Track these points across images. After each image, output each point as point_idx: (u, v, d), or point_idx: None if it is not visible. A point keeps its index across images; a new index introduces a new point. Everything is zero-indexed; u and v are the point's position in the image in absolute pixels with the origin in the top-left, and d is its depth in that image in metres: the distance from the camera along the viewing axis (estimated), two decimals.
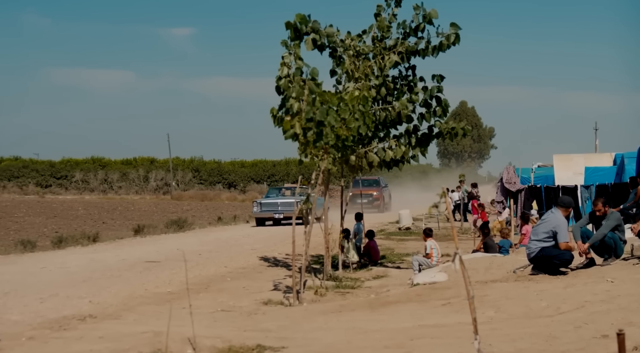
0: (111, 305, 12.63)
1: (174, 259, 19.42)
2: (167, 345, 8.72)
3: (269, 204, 36.85)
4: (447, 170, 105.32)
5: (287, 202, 36.39)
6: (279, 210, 36.46)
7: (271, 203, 36.92)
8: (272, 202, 36.97)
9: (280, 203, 36.75)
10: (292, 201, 33.66)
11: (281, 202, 36.81)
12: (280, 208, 36.48)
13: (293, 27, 14.66)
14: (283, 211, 36.29)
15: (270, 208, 36.70)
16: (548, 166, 32.37)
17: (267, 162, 78.29)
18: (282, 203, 36.72)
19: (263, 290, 14.36)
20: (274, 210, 36.57)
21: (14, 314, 11.73)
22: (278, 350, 8.97)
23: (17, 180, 74.92)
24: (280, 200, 37.06)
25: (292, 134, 13.32)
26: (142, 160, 78.59)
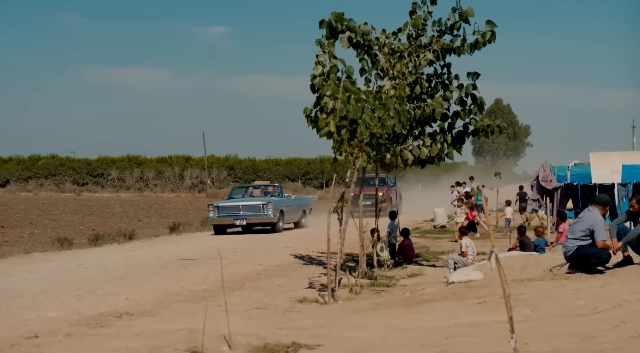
0: (147, 303, 12.70)
1: (209, 257, 19.50)
2: (202, 342, 8.75)
3: (228, 208, 30.25)
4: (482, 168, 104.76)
5: (251, 205, 30.10)
6: (241, 215, 29.98)
7: (231, 207, 30.27)
8: (232, 205, 30.33)
9: (242, 207, 30.14)
10: (258, 204, 29.89)
11: (243, 205, 30.23)
12: (242, 213, 29.99)
13: (328, 25, 14.65)
14: (246, 216, 29.90)
15: (229, 212, 30.14)
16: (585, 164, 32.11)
17: (301, 160, 78.29)
18: (245, 206, 30.16)
19: (298, 288, 14.37)
20: (234, 215, 30.05)
21: (52, 311, 11.83)
22: (313, 348, 8.97)
23: (54, 178, 75.54)
24: (242, 202, 30.50)
25: (326, 132, 13.32)
26: (178, 158, 78.94)
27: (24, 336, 9.69)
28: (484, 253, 17.94)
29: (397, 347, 8.80)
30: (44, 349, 8.97)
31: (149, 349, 8.86)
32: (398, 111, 14.35)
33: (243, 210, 29.99)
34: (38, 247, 22.32)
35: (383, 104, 14.19)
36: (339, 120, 13.05)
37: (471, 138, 16.70)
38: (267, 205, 29.74)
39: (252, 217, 29.77)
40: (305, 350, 8.90)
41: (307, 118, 13.83)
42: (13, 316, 11.40)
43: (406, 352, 8.51)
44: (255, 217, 29.74)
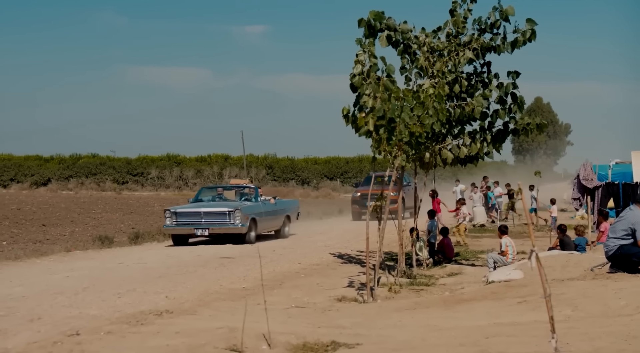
0: (187, 301, 12.76)
1: (248, 255, 19.56)
2: (242, 340, 8.78)
3: (188, 215, 24.53)
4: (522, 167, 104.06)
5: (215, 212, 24.40)
6: (203, 223, 24.20)
7: (190, 214, 24.56)
8: (192, 212, 24.59)
9: (204, 214, 24.40)
10: (223, 210, 24.22)
11: (206, 211, 24.49)
12: (204, 222, 24.23)
13: (367, 24, 14.63)
14: (209, 225, 24.11)
15: (189, 220, 24.43)
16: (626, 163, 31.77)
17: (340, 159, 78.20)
18: (208, 213, 24.43)
19: (337, 287, 14.37)
20: (195, 223, 24.30)
21: (93, 309, 11.92)
22: (352, 346, 8.97)
23: (94, 177, 76.14)
24: (204, 208, 24.71)
25: (365, 131, 13.31)
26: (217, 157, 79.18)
27: (66, 333, 9.78)
28: (524, 253, 17.83)
29: (436, 346, 8.78)
30: (85, 347, 9.04)
31: (189, 347, 8.90)
32: (437, 110, 14.30)
33: (205, 218, 24.28)
34: (79, 245, 22.51)
35: (422, 102, 14.15)
36: (378, 119, 13.03)
37: (511, 137, 16.57)
38: (234, 212, 24.01)
39: (216, 226, 24.09)
40: (344, 349, 8.91)
41: (346, 117, 13.81)
42: (55, 314, 11.50)
43: (446, 351, 8.48)
44: (220, 226, 24.06)
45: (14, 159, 78.04)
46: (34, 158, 78.62)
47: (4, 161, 77.53)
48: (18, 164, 76.66)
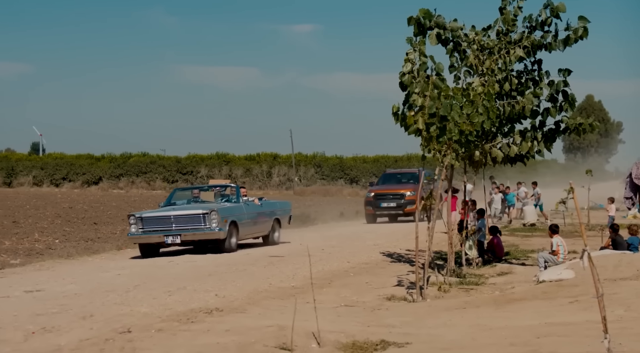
0: (236, 299, 12.81)
1: (297, 254, 19.60)
2: (292, 339, 8.81)
3: (156, 220, 21.16)
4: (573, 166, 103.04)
5: (187, 216, 21.07)
6: (173, 229, 20.86)
7: (159, 219, 21.18)
8: (161, 216, 21.21)
9: (175, 218, 21.03)
10: (197, 213, 20.90)
11: (177, 215, 21.08)
12: (175, 227, 20.89)
13: (416, 22, 14.59)
14: (181, 231, 20.80)
15: (157, 226, 21.01)
16: None
17: (388, 157, 77.94)
18: (179, 217, 21.07)
19: (386, 286, 14.35)
20: (164, 229, 20.89)
21: (144, 306, 12.02)
22: (402, 345, 8.96)
23: (145, 176, 76.72)
24: (175, 212, 21.26)
25: (415, 130, 13.27)
26: (266, 156, 79.36)
27: (118, 331, 9.88)
28: (576, 252, 17.65)
29: (487, 345, 8.74)
30: (136, 344, 9.13)
31: (239, 345, 8.95)
32: (487, 108, 14.22)
33: (176, 223, 20.91)
34: (130, 243, 22.70)
35: (471, 100, 14.08)
36: (428, 117, 12.99)
37: (562, 136, 16.41)
38: (210, 214, 20.73)
39: (189, 231, 20.75)
40: (394, 348, 8.90)
41: (395, 115, 13.78)
42: (107, 311, 11.62)
43: (496, 351, 8.44)
44: (194, 231, 20.74)
45: (66, 158, 78.90)
46: (85, 157, 79.42)
47: (56, 160, 78.45)
48: (70, 163, 77.49)
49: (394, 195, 33.83)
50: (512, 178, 47.09)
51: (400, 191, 33.83)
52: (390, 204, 33.55)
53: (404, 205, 33.42)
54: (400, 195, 33.67)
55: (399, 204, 33.61)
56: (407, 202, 33.36)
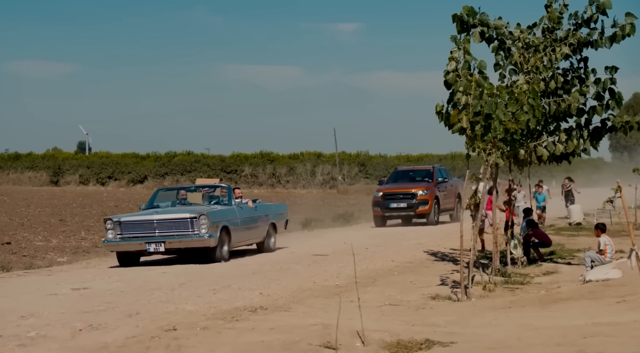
0: (281, 297, 12.85)
1: (341, 253, 19.59)
2: (336, 337, 8.81)
3: (136, 225, 18.70)
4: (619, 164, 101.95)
5: (172, 220, 18.63)
6: (156, 235, 18.38)
7: (140, 224, 18.72)
8: (142, 221, 18.77)
9: (158, 223, 18.57)
10: (184, 218, 18.48)
11: (160, 220, 18.64)
12: (158, 233, 18.42)
13: (459, 19, 14.53)
14: (165, 238, 18.32)
15: (138, 232, 18.58)
16: None
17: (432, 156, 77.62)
18: (163, 222, 18.62)
19: (430, 285, 14.30)
20: (145, 235, 18.44)
21: (189, 304, 12.10)
22: (447, 345, 8.93)
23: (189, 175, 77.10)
24: (158, 216, 18.81)
25: (459, 128, 13.22)
26: (309, 154, 79.41)
27: (163, 328, 9.96)
28: (623, 251, 17.46)
29: (533, 345, 8.68)
30: (182, 342, 9.19)
31: (284, 343, 8.98)
32: (532, 106, 14.11)
33: (160, 228, 18.45)
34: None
35: (516, 99, 13.98)
36: (472, 116, 12.93)
37: (608, 134, 16.25)
38: (199, 219, 18.32)
39: (174, 238, 18.28)
40: (438, 347, 8.87)
41: (439, 114, 13.74)
42: (152, 309, 11.71)
43: (542, 350, 8.39)
44: (180, 238, 18.31)
45: (112, 157, 79.62)
46: (130, 156, 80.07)
47: (102, 159, 79.18)
48: (115, 162, 78.17)
49: (405, 194, 30.59)
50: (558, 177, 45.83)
51: (412, 190, 30.58)
52: (400, 205, 30.46)
53: (416, 206, 30.30)
54: (411, 195, 30.46)
55: (409, 205, 30.38)
56: (419, 202, 30.28)
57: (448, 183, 32.43)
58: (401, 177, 33.03)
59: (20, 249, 21.01)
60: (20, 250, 20.77)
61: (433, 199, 30.29)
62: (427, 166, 36.08)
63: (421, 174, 33.03)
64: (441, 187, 31.43)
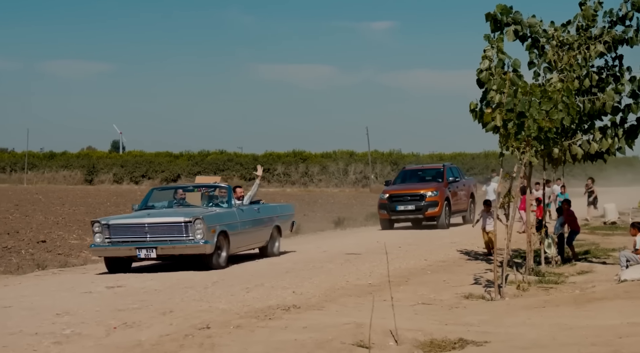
0: (314, 296, 12.87)
1: (373, 252, 19.57)
2: (369, 336, 8.81)
3: (126, 229, 17.10)
4: None
5: (165, 225, 16.96)
6: (148, 240, 16.79)
7: (129, 227, 17.12)
8: (132, 225, 17.16)
9: (150, 227, 16.92)
10: (178, 222, 16.83)
11: (152, 223, 16.98)
12: (150, 238, 16.81)
13: (493, 18, 14.47)
14: (157, 244, 16.71)
15: (127, 236, 16.99)
16: None
17: (465, 154, 77.46)
18: (156, 226, 16.96)
19: (464, 284, 14.26)
20: (137, 240, 16.87)
21: (222, 303, 12.15)
22: (480, 344, 8.90)
23: (222, 173, 77.32)
24: (151, 219, 17.15)
25: (492, 127, 13.16)
26: (342, 153, 79.44)
27: (197, 327, 10.02)
28: None
29: (567, 345, 8.64)
30: (215, 340, 9.24)
31: (317, 342, 8.99)
32: (566, 104, 14.02)
33: (152, 233, 16.84)
34: None
35: (549, 97, 13.90)
36: (507, 112, 12.87)
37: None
38: (194, 224, 16.68)
39: (167, 244, 16.73)
40: (472, 347, 8.85)
41: (472, 112, 13.69)
42: (186, 307, 11.78)
43: (577, 350, 8.34)
44: (173, 244, 16.78)
45: (145, 156, 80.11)
46: (164, 155, 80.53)
47: (135, 158, 79.70)
48: (149, 161, 78.64)
49: (413, 196, 28.48)
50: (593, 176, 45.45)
51: (420, 191, 28.45)
52: (408, 207, 28.34)
53: (425, 208, 28.17)
54: (419, 196, 28.32)
55: (418, 207, 28.24)
56: (428, 204, 28.16)
57: (460, 182, 30.57)
58: (409, 177, 31.09)
59: (55, 247, 21.19)
60: (55, 249, 20.94)
61: (443, 201, 28.36)
62: (437, 164, 34.56)
63: (431, 173, 30.98)
64: (452, 187, 29.55)
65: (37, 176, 76.53)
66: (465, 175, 33.81)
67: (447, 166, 30.85)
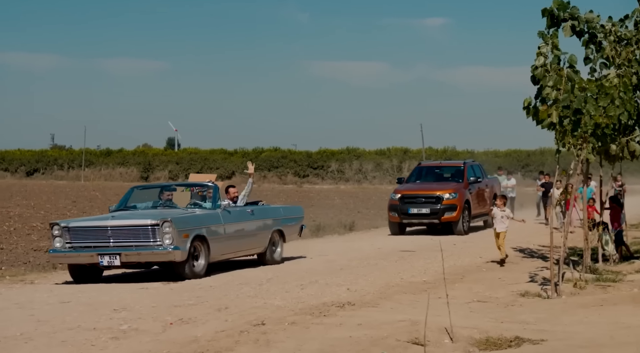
0: (368, 293, 12.86)
1: (428, 249, 19.51)
2: (424, 334, 8.79)
3: (87, 232, 15.21)
4: None
5: (131, 227, 14.99)
6: (112, 245, 14.85)
7: (91, 231, 15.23)
8: (95, 228, 15.27)
9: (113, 230, 14.98)
10: (144, 225, 14.93)
11: (116, 226, 15.03)
12: (113, 243, 14.86)
13: (549, 13, 14.32)
14: (122, 250, 14.70)
15: (89, 241, 15.07)
16: None
17: (521, 151, 76.81)
18: (120, 229, 14.99)
19: (519, 282, 14.16)
20: (99, 245, 14.95)
21: (277, 299, 12.20)
22: (537, 342, 8.85)
23: (276, 170, 77.66)
24: (114, 221, 15.19)
25: (548, 123, 13.04)
26: (396, 150, 79.22)
27: (252, 323, 10.08)
28: None
29: (625, 344, 8.55)
30: (270, 336, 9.28)
31: (371, 339, 9.00)
32: (624, 100, 13.84)
33: (115, 237, 14.91)
34: None
35: (607, 92, 13.73)
36: (562, 109, 12.74)
37: None
38: (161, 227, 14.73)
39: (132, 250, 14.77)
40: (528, 345, 8.80)
41: (527, 109, 13.57)
42: (241, 303, 11.84)
43: (636, 349, 8.25)
44: (138, 250, 14.80)
45: (200, 153, 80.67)
46: (218, 152, 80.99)
47: (190, 155, 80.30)
48: (204, 158, 79.16)
49: (428, 197, 24.88)
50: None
51: (437, 193, 24.93)
52: (422, 210, 24.68)
53: (441, 212, 24.57)
54: (436, 198, 24.76)
55: (433, 210, 24.59)
56: (445, 207, 24.59)
57: (482, 183, 27.16)
58: (425, 174, 27.49)
59: None
60: None
61: (463, 204, 24.86)
62: (457, 162, 31.51)
63: (449, 171, 27.48)
64: (473, 189, 26.09)
65: (94, 173, 77.42)
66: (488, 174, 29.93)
67: (468, 164, 27.32)
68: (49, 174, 78.64)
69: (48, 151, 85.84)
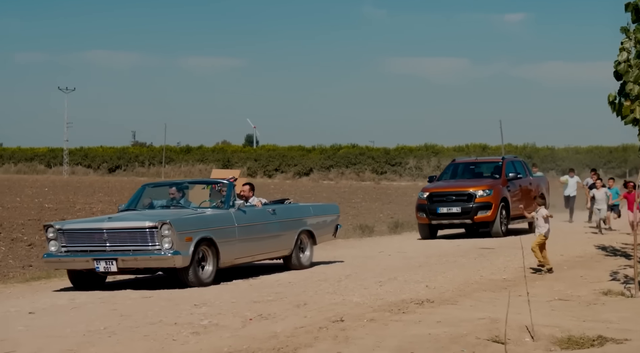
0: (447, 290, 12.79)
1: (507, 246, 19.33)
2: (505, 332, 8.71)
3: (83, 235, 14.04)
4: None
5: (127, 230, 13.83)
6: (107, 250, 13.66)
7: (88, 234, 14.04)
8: (91, 230, 14.07)
9: (108, 233, 13.76)
10: (141, 227, 13.70)
11: (112, 228, 13.81)
12: (109, 247, 13.66)
13: (634, 8, 14.05)
14: (118, 254, 13.50)
15: (84, 244, 13.91)
16: None
17: (603, 148, 75.60)
18: (115, 232, 13.81)
19: (601, 280, 13.94)
20: (96, 249, 13.76)
21: (355, 296, 12.20)
22: (620, 342, 8.70)
23: (354, 167, 77.68)
24: (110, 224, 13.94)
25: (631, 120, 12.82)
26: (474, 146, 78.59)
27: (331, 319, 10.09)
28: None
29: None
30: (349, 333, 9.29)
31: (451, 337, 8.95)
32: None
33: (111, 241, 13.73)
34: (341, 233, 23.08)
35: None
36: None
37: None
38: (160, 230, 13.46)
39: (129, 255, 13.53)
40: (611, 344, 8.66)
41: (611, 105, 13.35)
42: (320, 300, 11.87)
43: None
44: (136, 255, 13.54)
45: (278, 150, 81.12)
46: (296, 149, 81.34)
47: (269, 152, 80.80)
48: (282, 155, 79.58)
49: (459, 195, 22.81)
50: None
51: (469, 189, 22.83)
52: (452, 209, 22.48)
53: (474, 211, 22.48)
54: (468, 196, 22.67)
55: (465, 209, 22.50)
56: (478, 205, 22.48)
57: (524, 180, 24.83)
58: (460, 172, 25.25)
59: None
60: None
61: (499, 202, 22.62)
62: (495, 157, 29.08)
63: (487, 168, 25.35)
64: (513, 186, 23.82)
65: (174, 170, 78.39)
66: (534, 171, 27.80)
67: (507, 159, 25.29)
68: (130, 171, 79.94)
69: (129, 148, 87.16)
